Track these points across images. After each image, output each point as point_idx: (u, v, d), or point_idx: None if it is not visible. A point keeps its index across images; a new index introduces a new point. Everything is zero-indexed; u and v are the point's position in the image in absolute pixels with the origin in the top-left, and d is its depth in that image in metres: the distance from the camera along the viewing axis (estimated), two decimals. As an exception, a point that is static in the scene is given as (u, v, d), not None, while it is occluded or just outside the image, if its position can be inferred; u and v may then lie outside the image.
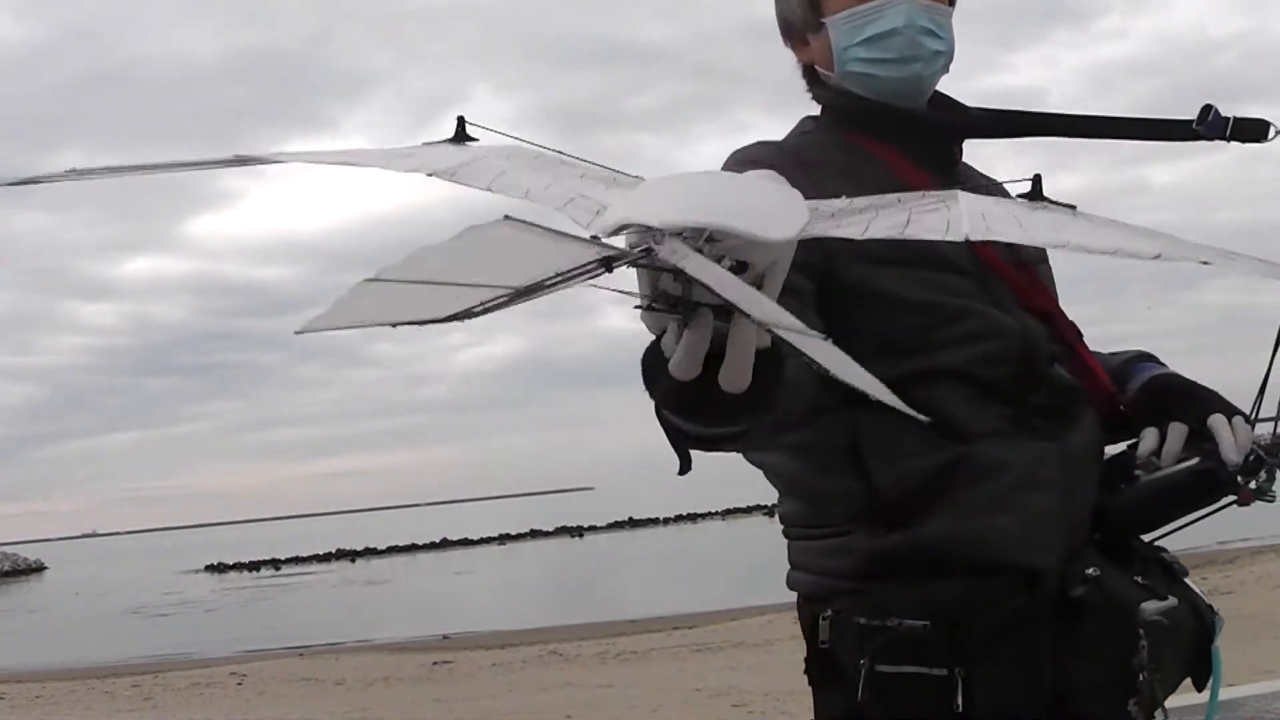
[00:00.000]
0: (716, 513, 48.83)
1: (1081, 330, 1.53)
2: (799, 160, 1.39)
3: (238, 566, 44.90)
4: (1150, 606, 1.36)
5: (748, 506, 50.73)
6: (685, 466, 1.15)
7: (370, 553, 47.06)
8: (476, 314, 0.66)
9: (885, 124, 1.47)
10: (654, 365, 0.92)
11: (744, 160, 1.40)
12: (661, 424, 1.08)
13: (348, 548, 48.76)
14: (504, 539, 48.58)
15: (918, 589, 1.35)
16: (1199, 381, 1.48)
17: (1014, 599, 1.35)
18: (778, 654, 9.90)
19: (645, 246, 0.71)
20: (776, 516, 1.55)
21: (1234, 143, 1.47)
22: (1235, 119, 1.47)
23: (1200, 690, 1.46)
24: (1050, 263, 1.56)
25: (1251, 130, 1.48)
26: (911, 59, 1.43)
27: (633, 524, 49.06)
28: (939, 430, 1.35)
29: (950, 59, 1.47)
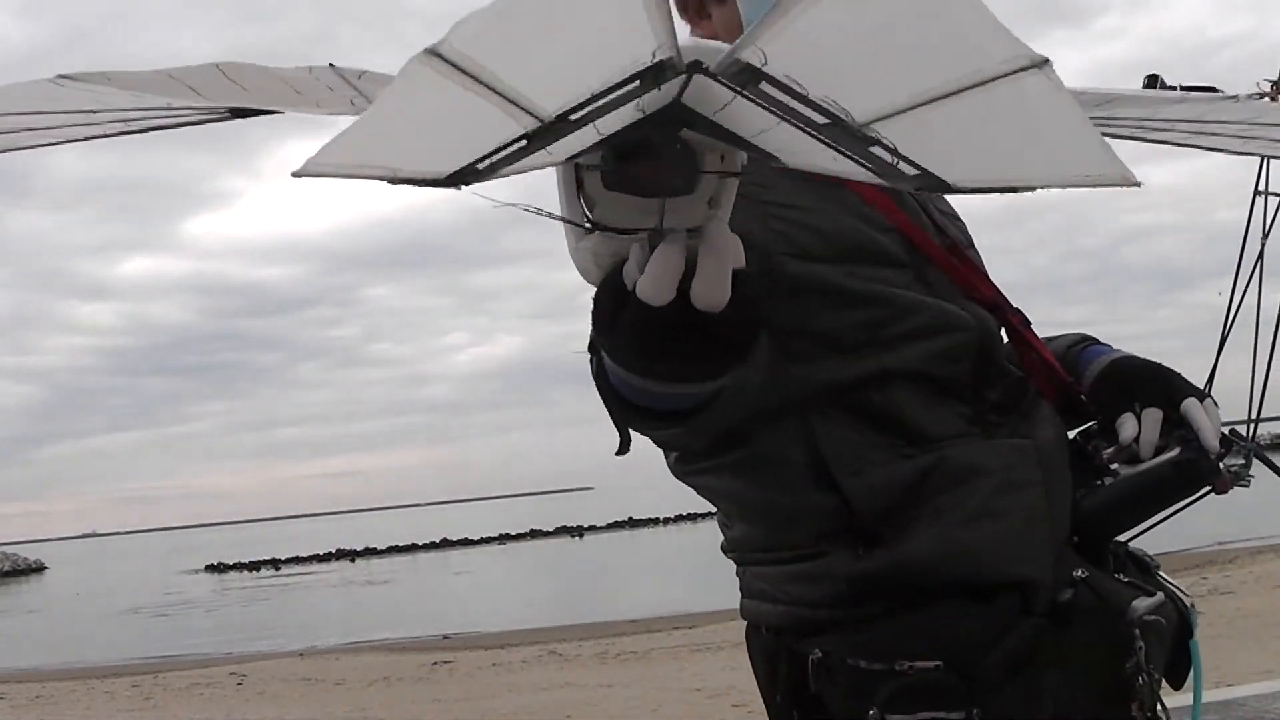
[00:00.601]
0: (717, 512, 48.64)
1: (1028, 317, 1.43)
2: None
3: (238, 566, 44.88)
4: (1142, 604, 1.29)
5: (748, 506, 50.71)
6: (625, 445, 0.96)
7: (370, 553, 47.04)
8: (483, 173, 0.53)
9: None
10: (611, 305, 0.74)
11: None
12: (602, 391, 0.91)
13: (348, 548, 48.76)
14: (504, 539, 48.55)
15: (917, 622, 1.25)
16: (1161, 363, 1.40)
17: (1019, 624, 1.26)
18: (778, 654, 9.88)
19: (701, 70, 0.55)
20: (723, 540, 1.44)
21: None
22: (1183, 87, 1.37)
23: (1178, 688, 1.39)
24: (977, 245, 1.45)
25: None
26: None
27: (633, 524, 48.99)
28: (901, 435, 1.27)
29: None
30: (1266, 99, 1.41)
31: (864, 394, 1.28)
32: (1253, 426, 1.38)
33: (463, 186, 0.52)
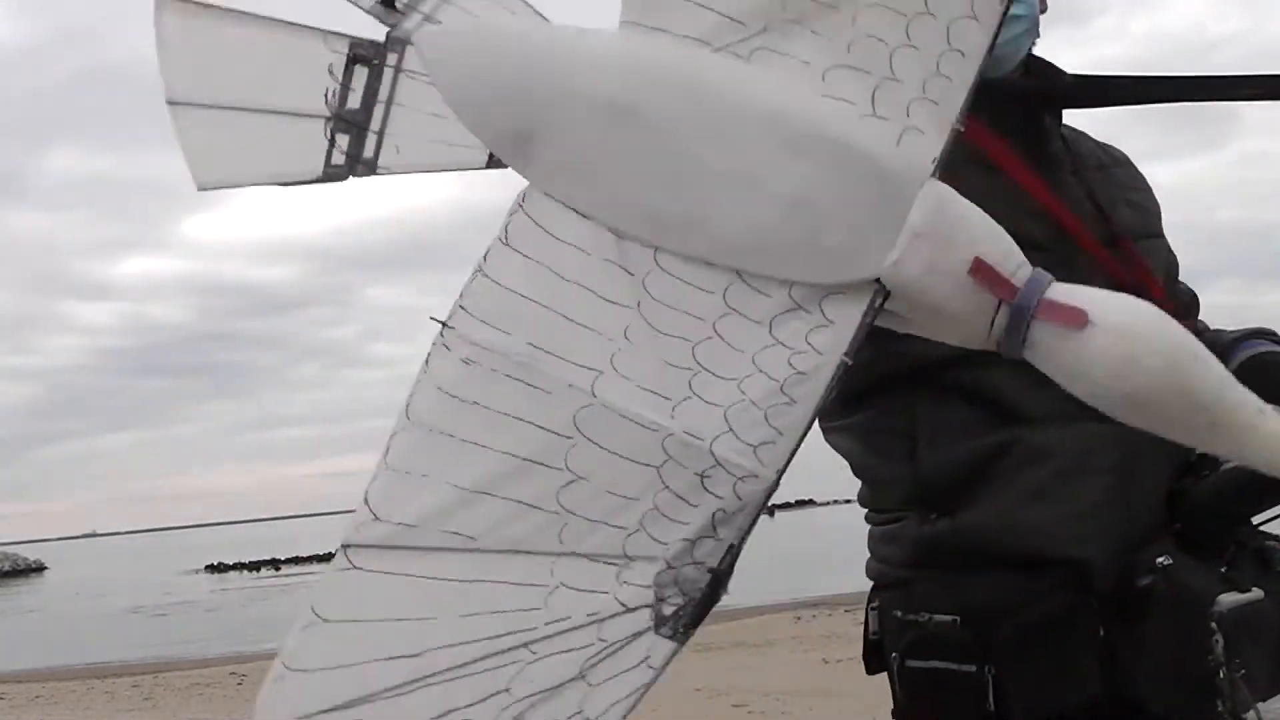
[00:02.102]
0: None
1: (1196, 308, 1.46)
2: None
3: (238, 566, 44.83)
4: (1228, 599, 1.29)
5: (747, 506, 50.59)
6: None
7: (370, 553, 46.90)
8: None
9: None
10: None
11: None
12: None
13: (348, 548, 48.59)
14: (504, 539, 48.44)
15: (951, 582, 1.33)
16: None
17: (1052, 597, 1.30)
18: (778, 654, 9.89)
19: None
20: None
21: None
22: None
23: None
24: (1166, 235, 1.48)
25: None
26: None
27: (633, 524, 48.90)
28: (994, 413, 1.32)
29: (1034, 22, 1.39)
30: None
31: (967, 371, 1.32)
32: None
33: None
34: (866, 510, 1.48)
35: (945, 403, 1.33)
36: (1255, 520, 1.38)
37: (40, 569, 57.18)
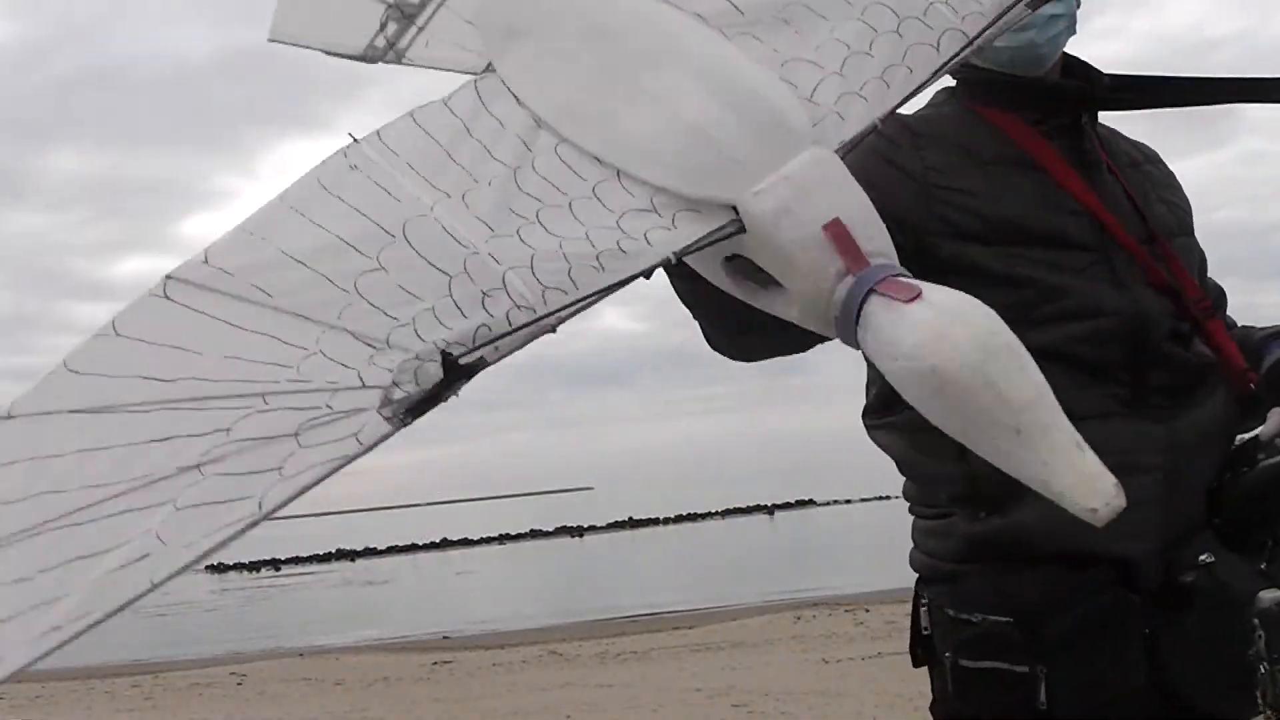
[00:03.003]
0: (716, 513, 48.89)
1: (1223, 304, 1.49)
2: (911, 130, 1.41)
3: (238, 566, 44.81)
4: (1268, 596, 1.31)
5: (748, 506, 50.74)
6: None
7: (370, 553, 46.97)
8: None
9: (1005, 92, 1.44)
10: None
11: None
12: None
13: (348, 548, 48.64)
14: (504, 539, 48.54)
15: (1004, 581, 1.35)
16: None
17: (1100, 595, 1.33)
18: (778, 654, 9.89)
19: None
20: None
21: None
22: None
23: None
24: (1196, 235, 1.52)
25: None
26: (1025, 25, 1.35)
27: (633, 524, 49.00)
28: None
29: (1073, 21, 1.42)
30: None
31: None
32: None
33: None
34: (911, 503, 1.49)
35: None
36: None
37: (40, 569, 57.05)
